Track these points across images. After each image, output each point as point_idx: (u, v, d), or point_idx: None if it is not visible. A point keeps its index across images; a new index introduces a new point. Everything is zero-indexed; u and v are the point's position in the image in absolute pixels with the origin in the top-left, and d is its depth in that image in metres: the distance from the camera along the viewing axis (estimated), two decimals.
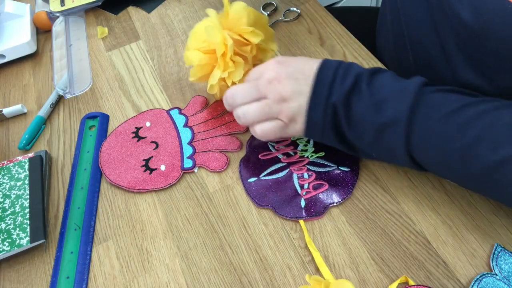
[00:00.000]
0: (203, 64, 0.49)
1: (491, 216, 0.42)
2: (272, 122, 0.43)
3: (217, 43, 0.47)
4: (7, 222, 0.46)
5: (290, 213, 0.44)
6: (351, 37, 0.61)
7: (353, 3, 1.38)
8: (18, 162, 0.51)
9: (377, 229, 0.43)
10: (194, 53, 0.49)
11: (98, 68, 0.64)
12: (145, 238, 0.45)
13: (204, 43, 0.49)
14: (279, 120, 0.43)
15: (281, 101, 0.42)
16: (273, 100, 0.42)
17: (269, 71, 0.43)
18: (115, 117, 0.57)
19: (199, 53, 0.49)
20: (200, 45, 0.49)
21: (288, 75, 0.42)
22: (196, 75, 0.51)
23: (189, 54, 0.50)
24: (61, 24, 0.68)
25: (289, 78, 0.42)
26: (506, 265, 0.38)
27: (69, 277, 0.43)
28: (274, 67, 0.43)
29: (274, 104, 0.42)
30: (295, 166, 0.48)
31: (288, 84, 0.42)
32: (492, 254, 0.39)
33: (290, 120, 0.43)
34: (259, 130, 0.44)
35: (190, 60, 0.50)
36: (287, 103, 0.42)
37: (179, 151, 0.51)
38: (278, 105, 0.42)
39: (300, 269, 0.41)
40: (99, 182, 0.50)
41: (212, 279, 0.42)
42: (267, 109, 0.43)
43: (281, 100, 0.42)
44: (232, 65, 0.48)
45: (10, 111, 0.58)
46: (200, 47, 0.49)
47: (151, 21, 0.69)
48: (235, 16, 0.48)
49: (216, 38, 0.47)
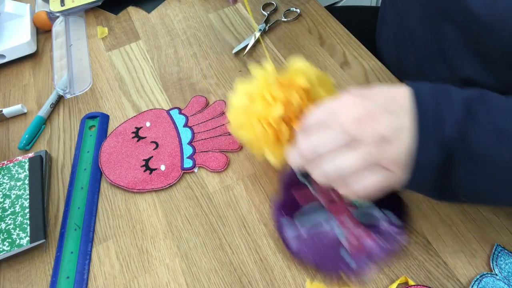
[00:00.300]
0: (241, 107, 0.42)
1: (491, 216, 0.42)
2: (376, 174, 0.32)
3: (258, 79, 0.41)
4: (7, 222, 0.46)
5: (329, 266, 0.40)
6: (351, 37, 0.61)
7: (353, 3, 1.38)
8: (18, 162, 0.51)
9: None
10: (238, 96, 0.43)
11: (98, 68, 0.64)
12: (145, 238, 0.45)
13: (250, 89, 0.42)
14: (383, 169, 0.32)
15: (382, 143, 0.32)
16: (372, 143, 0.32)
17: (353, 108, 0.33)
18: (115, 117, 0.57)
19: (241, 95, 0.42)
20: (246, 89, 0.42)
21: (381, 108, 0.32)
22: (233, 121, 0.43)
23: (231, 98, 0.43)
24: (61, 24, 0.68)
25: (384, 112, 0.32)
26: (506, 265, 0.38)
27: (69, 277, 0.43)
28: (356, 102, 0.33)
29: (373, 149, 0.32)
30: (335, 207, 0.41)
31: (385, 120, 0.32)
32: (492, 254, 0.39)
33: (396, 167, 0.32)
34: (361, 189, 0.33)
35: (230, 104, 0.43)
36: (391, 144, 0.31)
37: (179, 151, 0.51)
38: (379, 148, 0.32)
39: (300, 269, 0.41)
40: (99, 182, 0.50)
41: (212, 279, 0.42)
42: (368, 158, 0.32)
43: (382, 142, 0.32)
44: (271, 99, 0.40)
45: (10, 111, 0.58)
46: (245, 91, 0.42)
47: (151, 21, 0.69)
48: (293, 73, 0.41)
49: (259, 78, 0.41)
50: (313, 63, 0.59)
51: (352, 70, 0.57)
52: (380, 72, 0.56)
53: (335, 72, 0.57)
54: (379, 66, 0.57)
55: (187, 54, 0.63)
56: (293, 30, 0.64)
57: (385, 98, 0.33)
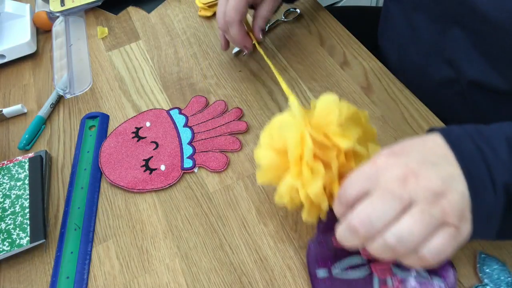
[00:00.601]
0: (272, 166, 0.39)
1: None
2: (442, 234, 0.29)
3: (292, 143, 0.36)
4: (7, 222, 0.46)
5: None
6: (351, 37, 0.61)
7: (353, 3, 1.38)
8: (18, 162, 0.51)
9: None
10: (264, 151, 0.39)
11: (98, 68, 0.64)
12: (145, 238, 0.45)
13: (278, 140, 0.38)
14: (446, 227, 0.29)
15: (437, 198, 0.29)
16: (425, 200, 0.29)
17: (393, 169, 0.30)
18: (115, 117, 0.57)
19: (270, 152, 0.39)
20: (273, 141, 0.39)
21: (421, 162, 0.30)
22: (263, 178, 0.40)
23: (258, 152, 0.40)
24: (61, 24, 0.68)
25: (425, 165, 0.30)
26: (493, 272, 0.38)
27: (69, 277, 0.43)
28: (392, 162, 0.31)
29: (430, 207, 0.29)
30: (378, 265, 0.38)
31: (431, 174, 0.29)
32: (477, 263, 0.38)
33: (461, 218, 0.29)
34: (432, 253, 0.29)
35: (258, 159, 0.40)
36: (445, 197, 0.29)
37: (179, 151, 0.51)
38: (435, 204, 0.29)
39: (300, 269, 0.41)
40: (99, 182, 0.50)
41: (212, 279, 0.42)
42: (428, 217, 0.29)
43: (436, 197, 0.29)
44: (308, 174, 0.36)
45: (10, 111, 0.58)
46: (272, 144, 0.39)
47: (151, 21, 0.69)
48: (322, 112, 0.37)
49: (291, 135, 0.37)
50: (314, 63, 0.59)
51: (352, 70, 0.57)
52: (380, 72, 0.56)
53: (335, 72, 0.57)
54: (379, 66, 0.57)
55: (187, 54, 0.63)
56: (293, 30, 0.64)
57: (420, 151, 0.31)
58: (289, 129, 0.37)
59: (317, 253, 0.40)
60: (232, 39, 0.54)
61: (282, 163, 0.38)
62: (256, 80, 0.58)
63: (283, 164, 0.38)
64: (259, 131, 0.52)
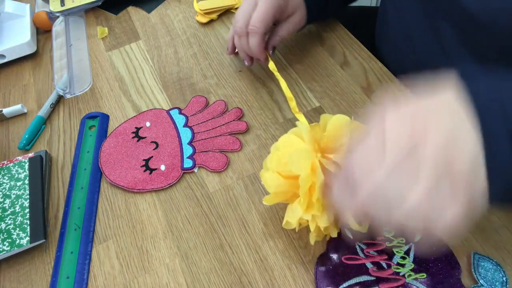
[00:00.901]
0: (281, 191, 0.39)
1: (491, 216, 0.42)
2: (454, 206, 0.26)
3: (303, 175, 0.35)
4: (7, 222, 0.46)
5: None
6: (351, 37, 0.61)
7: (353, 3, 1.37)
8: (18, 162, 0.51)
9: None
10: (272, 176, 0.38)
11: (98, 68, 0.64)
12: (145, 238, 0.45)
13: (286, 166, 0.37)
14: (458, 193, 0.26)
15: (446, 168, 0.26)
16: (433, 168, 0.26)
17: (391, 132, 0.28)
18: (115, 117, 0.57)
19: (279, 177, 0.38)
20: (281, 167, 0.38)
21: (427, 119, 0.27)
22: (270, 202, 0.41)
23: (266, 176, 0.39)
24: (61, 24, 0.68)
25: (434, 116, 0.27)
26: (487, 272, 0.38)
27: (69, 277, 0.43)
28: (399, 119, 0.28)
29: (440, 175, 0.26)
30: (386, 285, 0.38)
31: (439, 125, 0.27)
32: (472, 265, 0.38)
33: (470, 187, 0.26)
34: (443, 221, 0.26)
35: (267, 184, 0.39)
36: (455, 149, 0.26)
37: (179, 151, 0.51)
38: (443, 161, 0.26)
39: (300, 269, 0.41)
40: (99, 182, 0.50)
41: (212, 279, 0.42)
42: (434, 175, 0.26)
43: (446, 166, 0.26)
44: (319, 208, 0.36)
45: (10, 111, 0.58)
46: (281, 170, 0.38)
47: (151, 21, 0.69)
48: (333, 133, 0.36)
49: (302, 166, 0.35)
50: (314, 63, 0.59)
51: (352, 70, 0.57)
52: (380, 72, 0.56)
53: (335, 72, 0.57)
54: (379, 66, 0.57)
55: (187, 54, 0.63)
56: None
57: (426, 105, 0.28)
58: (299, 158, 0.35)
59: (326, 270, 0.40)
60: (248, 48, 0.52)
61: (290, 188, 0.38)
62: (256, 80, 0.58)
63: (291, 189, 0.38)
64: (259, 131, 0.52)
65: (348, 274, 0.39)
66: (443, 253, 0.39)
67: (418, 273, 0.38)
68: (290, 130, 0.40)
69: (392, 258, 0.39)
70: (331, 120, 0.37)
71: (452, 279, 0.38)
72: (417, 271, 0.38)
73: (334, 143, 0.36)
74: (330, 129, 0.37)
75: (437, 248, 0.40)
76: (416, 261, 0.39)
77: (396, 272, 0.38)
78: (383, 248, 0.40)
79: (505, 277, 0.37)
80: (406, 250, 0.40)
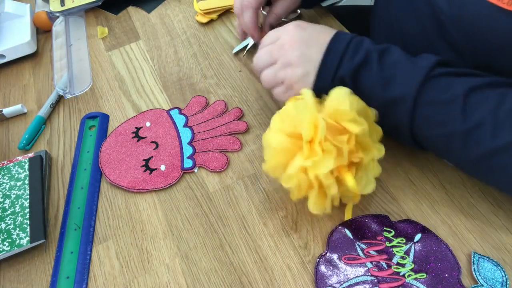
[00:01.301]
0: (282, 148, 0.39)
1: (491, 216, 0.42)
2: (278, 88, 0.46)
3: (305, 124, 0.37)
4: (7, 222, 0.46)
5: None
6: None
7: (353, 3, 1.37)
8: (18, 162, 0.51)
9: None
10: (274, 133, 0.39)
11: (98, 68, 0.64)
12: (145, 238, 0.45)
13: (290, 124, 0.39)
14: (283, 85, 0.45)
15: (287, 66, 0.43)
16: (280, 65, 0.44)
17: (285, 35, 0.44)
18: (115, 117, 0.57)
19: (281, 134, 0.39)
20: (285, 125, 0.39)
21: (302, 40, 0.43)
22: (270, 161, 0.40)
23: (269, 135, 0.40)
24: (61, 24, 0.68)
25: (302, 43, 0.43)
26: (488, 272, 0.38)
27: (69, 277, 0.43)
28: (291, 30, 0.44)
29: (280, 70, 0.44)
30: (386, 285, 0.38)
31: (298, 49, 0.42)
32: (472, 265, 0.38)
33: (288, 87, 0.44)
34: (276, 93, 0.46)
35: (268, 142, 0.39)
36: (292, 68, 0.43)
37: (179, 151, 0.51)
38: (283, 70, 0.44)
39: (300, 269, 0.41)
40: (99, 182, 0.50)
41: (212, 279, 0.42)
42: (273, 76, 0.45)
43: (287, 65, 0.43)
44: (320, 153, 0.37)
45: (10, 111, 0.58)
46: (284, 127, 0.39)
47: (151, 21, 0.69)
48: (334, 102, 0.39)
49: (305, 117, 0.38)
50: None
51: None
52: None
53: None
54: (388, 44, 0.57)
55: (187, 54, 0.63)
56: None
57: (311, 34, 0.43)
58: (303, 112, 0.38)
59: (326, 270, 0.40)
60: (244, 24, 0.55)
61: (292, 147, 0.39)
62: (256, 80, 0.58)
63: (293, 148, 0.39)
64: (259, 131, 0.52)
65: (348, 274, 0.39)
66: (443, 253, 0.39)
67: (418, 273, 0.38)
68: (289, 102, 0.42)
69: (392, 258, 0.39)
70: (332, 92, 0.40)
71: (452, 279, 0.38)
72: (417, 271, 0.38)
73: (335, 110, 0.39)
74: (330, 99, 0.40)
75: (437, 248, 0.40)
76: (416, 261, 0.39)
77: (396, 272, 0.38)
78: (383, 248, 0.40)
79: (505, 277, 0.37)
80: (406, 250, 0.40)
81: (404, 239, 0.40)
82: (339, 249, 0.41)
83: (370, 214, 0.43)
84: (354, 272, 0.39)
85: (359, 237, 0.41)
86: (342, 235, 0.42)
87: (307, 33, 0.44)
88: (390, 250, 0.40)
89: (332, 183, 0.38)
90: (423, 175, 0.46)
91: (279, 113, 0.41)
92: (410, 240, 0.40)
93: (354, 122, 0.38)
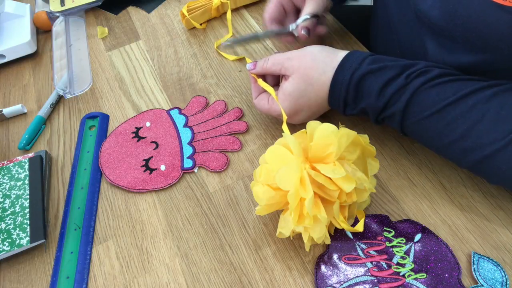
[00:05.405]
0: (273, 203, 0.39)
1: (491, 216, 0.42)
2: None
3: (292, 191, 0.36)
4: (7, 222, 0.46)
5: None
6: (351, 37, 0.61)
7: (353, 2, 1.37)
8: (18, 162, 0.51)
9: None
10: (262, 188, 0.39)
11: (98, 68, 0.64)
12: (145, 238, 0.45)
13: (275, 180, 0.37)
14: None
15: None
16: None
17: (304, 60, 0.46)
18: (115, 117, 0.57)
19: (269, 190, 0.38)
20: (271, 180, 0.38)
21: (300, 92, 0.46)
22: (262, 213, 0.41)
23: (257, 190, 0.39)
24: (61, 24, 0.68)
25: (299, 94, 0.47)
26: (488, 273, 0.38)
27: (69, 277, 0.43)
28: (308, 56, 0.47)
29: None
30: (386, 285, 0.38)
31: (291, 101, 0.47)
32: (472, 265, 0.38)
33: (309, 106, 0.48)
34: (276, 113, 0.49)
35: (258, 198, 0.39)
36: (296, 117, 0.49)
37: (179, 151, 0.51)
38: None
39: (300, 269, 0.41)
40: (99, 182, 0.50)
41: (212, 279, 0.42)
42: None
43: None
44: (310, 220, 0.36)
45: (10, 111, 0.58)
46: (271, 183, 0.38)
47: (151, 21, 0.69)
48: (320, 142, 0.37)
49: (291, 179, 0.36)
50: None
51: None
52: None
53: None
54: None
55: (187, 54, 0.63)
56: None
57: (326, 55, 0.45)
58: (287, 174, 0.36)
59: (326, 270, 0.40)
60: (265, 12, 0.55)
61: (281, 199, 0.38)
62: None
63: (282, 200, 0.39)
64: (259, 131, 0.52)
65: (348, 274, 0.39)
66: (443, 253, 0.39)
67: (418, 273, 0.38)
68: (277, 140, 0.40)
69: (392, 258, 0.39)
70: (318, 130, 0.37)
71: (452, 279, 0.38)
72: (417, 271, 0.38)
73: (322, 153, 0.37)
74: (317, 139, 0.37)
75: (437, 248, 0.40)
76: (416, 261, 0.39)
77: (396, 272, 0.38)
78: (383, 248, 0.40)
79: (505, 277, 0.37)
80: (406, 250, 0.40)
81: (404, 239, 0.40)
82: (339, 249, 0.41)
83: (370, 214, 0.43)
84: (354, 272, 0.39)
85: (359, 237, 0.41)
86: (342, 235, 0.42)
87: (322, 53, 0.46)
88: (390, 250, 0.40)
89: (326, 239, 0.40)
90: (423, 175, 0.46)
91: (263, 160, 0.40)
92: (410, 240, 0.40)
93: (346, 180, 0.36)
